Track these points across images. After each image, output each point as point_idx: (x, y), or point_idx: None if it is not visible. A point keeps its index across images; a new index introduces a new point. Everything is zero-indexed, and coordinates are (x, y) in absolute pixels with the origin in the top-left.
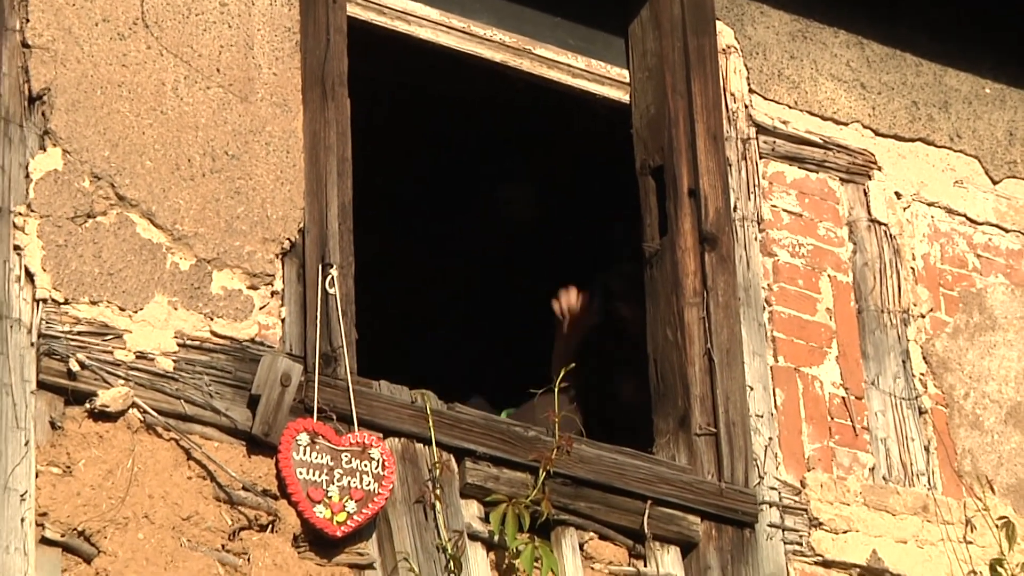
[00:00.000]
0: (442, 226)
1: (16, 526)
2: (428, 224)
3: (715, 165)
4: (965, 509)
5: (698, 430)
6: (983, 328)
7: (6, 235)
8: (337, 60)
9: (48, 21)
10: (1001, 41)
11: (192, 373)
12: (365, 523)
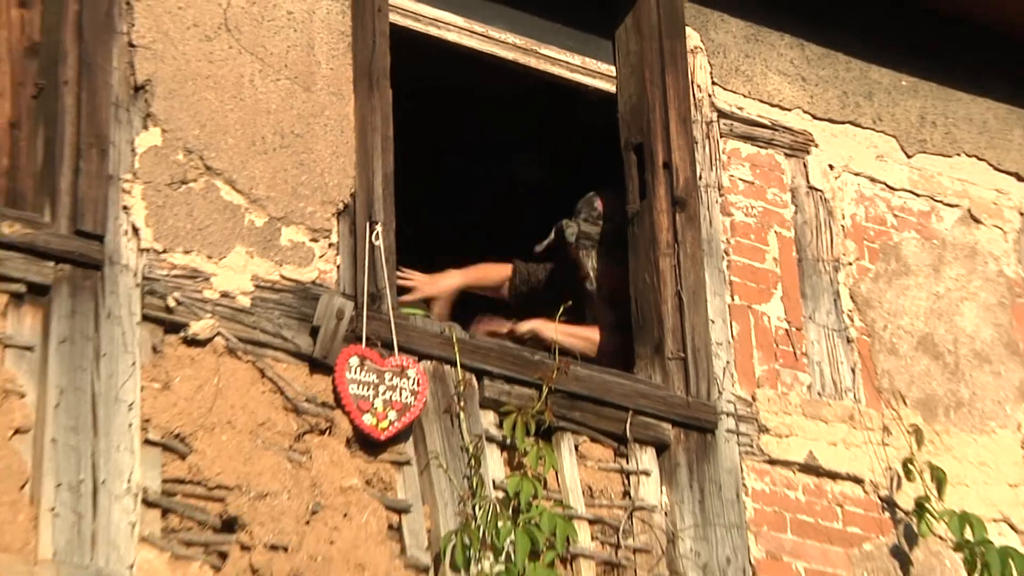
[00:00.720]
0: (467, 191)
1: (125, 430)
2: (456, 189)
3: (684, 143)
4: (883, 418)
5: (670, 355)
6: (898, 274)
7: (116, 198)
8: (381, 58)
9: (149, 26)
10: (915, 41)
11: (265, 308)
12: (403, 429)
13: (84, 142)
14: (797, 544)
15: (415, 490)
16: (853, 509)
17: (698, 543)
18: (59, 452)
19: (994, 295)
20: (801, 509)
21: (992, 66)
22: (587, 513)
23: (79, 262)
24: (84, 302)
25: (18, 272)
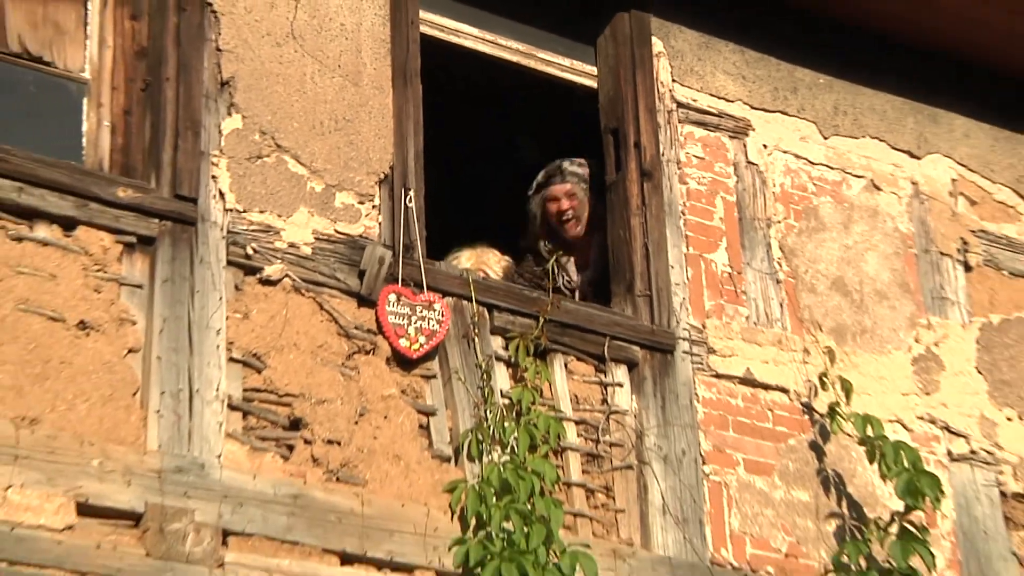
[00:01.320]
0: (478, 166)
1: (214, 350)
2: (470, 165)
3: (650, 127)
4: (804, 342)
5: (639, 293)
6: (816, 230)
7: (207, 169)
8: (413, 60)
9: (232, 35)
10: (830, 48)
11: (323, 256)
12: (431, 350)
13: (182, 126)
14: (737, 439)
15: (440, 398)
16: (780, 412)
17: (660, 439)
18: (163, 367)
19: (891, 246)
20: (740, 413)
21: (888, 67)
22: (573, 416)
23: (178, 219)
24: (182, 251)
25: (130, 227)
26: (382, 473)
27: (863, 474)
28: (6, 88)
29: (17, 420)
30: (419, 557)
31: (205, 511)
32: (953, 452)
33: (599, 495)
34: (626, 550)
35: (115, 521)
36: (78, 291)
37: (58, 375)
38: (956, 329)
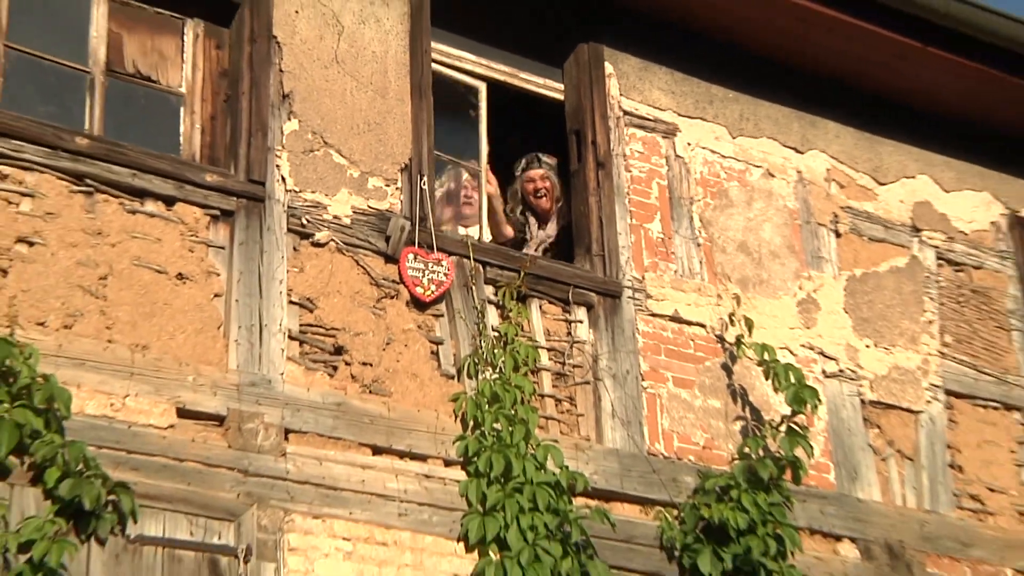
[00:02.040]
0: None
1: (277, 296)
2: None
3: (603, 129)
4: (717, 290)
5: (595, 253)
6: (726, 206)
7: (272, 160)
8: (426, 80)
9: (291, 59)
10: (734, 70)
11: (359, 225)
12: (440, 295)
13: (253, 128)
14: (667, 362)
15: (446, 331)
16: (699, 342)
17: (610, 362)
18: (239, 308)
19: (781, 219)
20: (669, 342)
21: (779, 85)
22: (545, 344)
23: (251, 197)
24: (253, 221)
25: (215, 203)
26: (403, 387)
27: (760, 388)
28: (123, 100)
29: (132, 347)
30: (431, 449)
31: (271, 415)
32: (826, 371)
33: (564, 403)
34: (584, 444)
35: (205, 422)
36: (176, 251)
37: (162, 313)
38: (829, 280)
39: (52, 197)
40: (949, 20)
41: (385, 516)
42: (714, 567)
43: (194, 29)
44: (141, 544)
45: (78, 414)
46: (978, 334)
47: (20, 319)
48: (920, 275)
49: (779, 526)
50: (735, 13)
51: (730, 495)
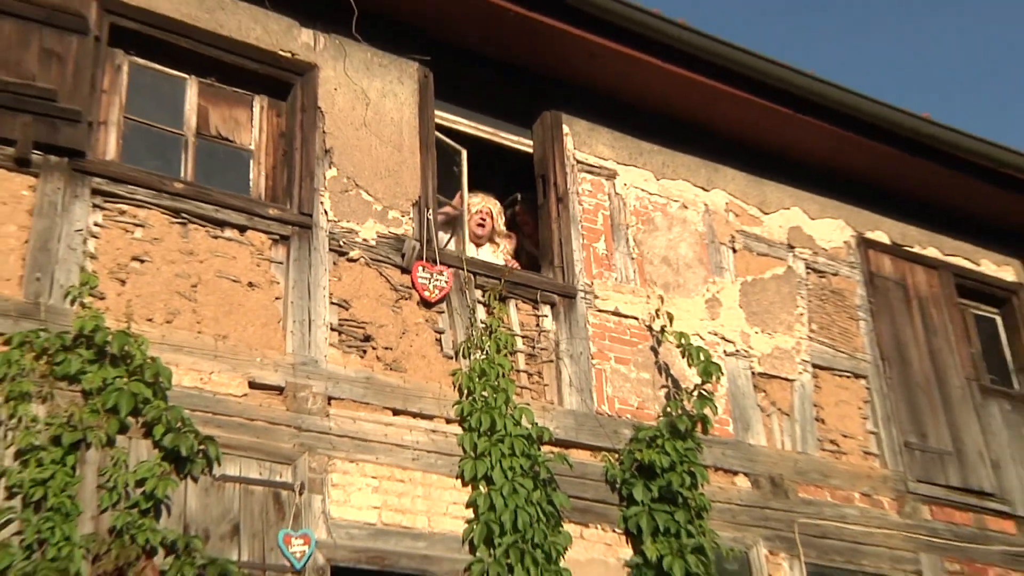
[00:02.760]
0: None
1: (321, 298)
2: None
3: (562, 174)
4: (647, 291)
5: (556, 265)
6: (653, 230)
7: (318, 198)
8: (431, 138)
9: (331, 123)
10: (657, 129)
11: (382, 246)
12: (442, 297)
13: (304, 174)
14: (610, 345)
15: (447, 323)
16: (634, 331)
17: (568, 345)
18: (294, 307)
19: (692, 239)
20: (611, 331)
21: (689, 141)
22: (520, 333)
23: (302, 226)
24: (304, 243)
25: (276, 230)
26: (414, 365)
27: (678, 364)
28: (208, 154)
29: (215, 336)
30: (436, 411)
31: (318, 386)
32: (726, 351)
33: (534, 377)
34: (549, 406)
35: (269, 392)
36: (247, 266)
37: (237, 312)
38: (728, 284)
39: (157, 227)
40: (815, 96)
41: (402, 460)
42: (645, 495)
43: (260, 102)
44: (223, 481)
45: (176, 386)
46: (835, 323)
47: (134, 316)
48: (794, 280)
49: (692, 465)
50: (658, 91)
51: (656, 443)
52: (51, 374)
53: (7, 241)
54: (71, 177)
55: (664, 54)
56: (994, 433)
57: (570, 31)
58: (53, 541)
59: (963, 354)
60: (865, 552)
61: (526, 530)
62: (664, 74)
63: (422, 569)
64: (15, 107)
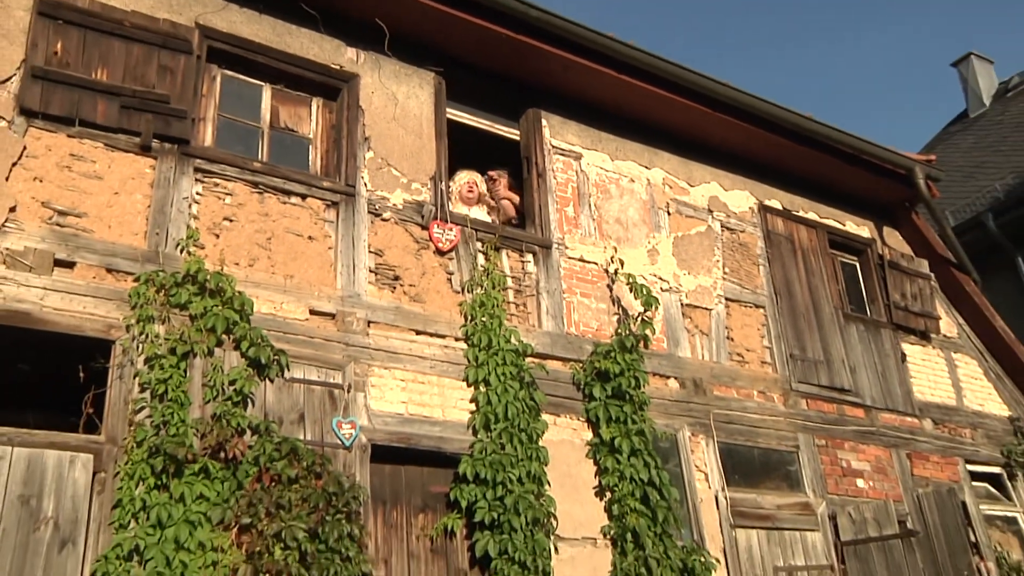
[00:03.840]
0: None
1: (363, 248)
2: None
3: (541, 156)
4: (605, 245)
5: (537, 224)
6: (608, 199)
7: (360, 174)
8: (444, 127)
9: (369, 118)
10: (614, 123)
11: (407, 209)
12: (451, 248)
13: (349, 156)
14: (577, 283)
15: (456, 267)
16: (594, 273)
17: (545, 283)
18: (342, 255)
19: (638, 205)
20: (577, 273)
21: (636, 132)
22: (510, 274)
23: (348, 195)
24: (349, 207)
25: (329, 197)
26: (431, 297)
27: (627, 297)
28: (279, 142)
29: (285, 276)
30: (447, 332)
31: (360, 313)
32: (662, 288)
33: (520, 307)
34: (532, 329)
35: (324, 317)
36: (307, 223)
37: (300, 258)
38: (664, 239)
39: (241, 195)
40: (729, 99)
41: (423, 368)
42: (601, 393)
43: (317, 103)
44: (292, 382)
45: (257, 313)
46: (741, 267)
47: (226, 261)
48: (712, 236)
49: (636, 371)
50: (613, 94)
51: (610, 355)
52: (167, 303)
53: (135, 206)
54: (180, 159)
55: (618, 67)
56: (852, 347)
57: (548, 49)
58: (172, 423)
59: (832, 290)
60: (760, 433)
61: (514, 418)
62: (618, 82)
63: (438, 447)
64: (141, 108)
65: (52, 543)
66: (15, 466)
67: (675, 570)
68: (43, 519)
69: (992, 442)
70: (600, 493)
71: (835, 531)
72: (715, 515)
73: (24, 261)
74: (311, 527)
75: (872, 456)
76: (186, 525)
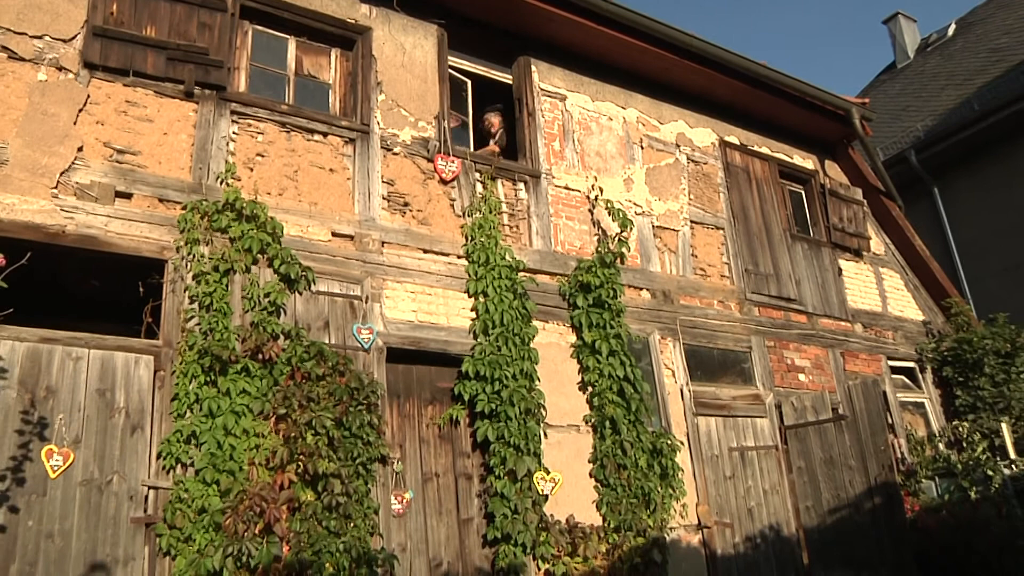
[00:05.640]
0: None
1: (377, 179)
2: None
3: (531, 96)
4: (587, 175)
5: (528, 157)
6: (589, 134)
7: (373, 114)
8: (445, 71)
9: (381, 65)
10: (596, 67)
11: (415, 144)
12: (454, 178)
13: (363, 98)
14: (562, 208)
15: (458, 194)
16: (578, 199)
17: (536, 208)
18: (359, 184)
19: (615, 140)
20: (563, 199)
21: (614, 76)
22: (504, 200)
23: (363, 132)
24: (364, 143)
25: (347, 135)
26: (437, 221)
27: (606, 220)
28: (303, 87)
29: (310, 204)
30: (451, 250)
31: (375, 235)
32: (636, 212)
33: (514, 228)
34: (524, 247)
35: (344, 238)
36: (329, 158)
37: (323, 188)
38: (638, 170)
39: (271, 134)
40: (694, 48)
41: (430, 281)
42: (584, 303)
43: (335, 53)
44: (317, 295)
45: (286, 235)
46: (704, 194)
47: (259, 191)
48: (679, 167)
49: (613, 284)
50: (594, 43)
51: (591, 270)
52: (210, 227)
53: (181, 145)
54: (218, 103)
55: (597, 19)
56: (797, 263)
57: (537, 4)
58: (217, 329)
59: (781, 214)
60: (719, 336)
61: (509, 324)
62: (597, 32)
63: (444, 349)
64: (184, 59)
65: (125, 428)
66: (92, 365)
67: (646, 451)
68: (117, 408)
69: (909, 342)
70: (583, 387)
71: (780, 417)
72: (680, 405)
73: (90, 193)
74: (337, 417)
75: (812, 355)
76: (232, 415)
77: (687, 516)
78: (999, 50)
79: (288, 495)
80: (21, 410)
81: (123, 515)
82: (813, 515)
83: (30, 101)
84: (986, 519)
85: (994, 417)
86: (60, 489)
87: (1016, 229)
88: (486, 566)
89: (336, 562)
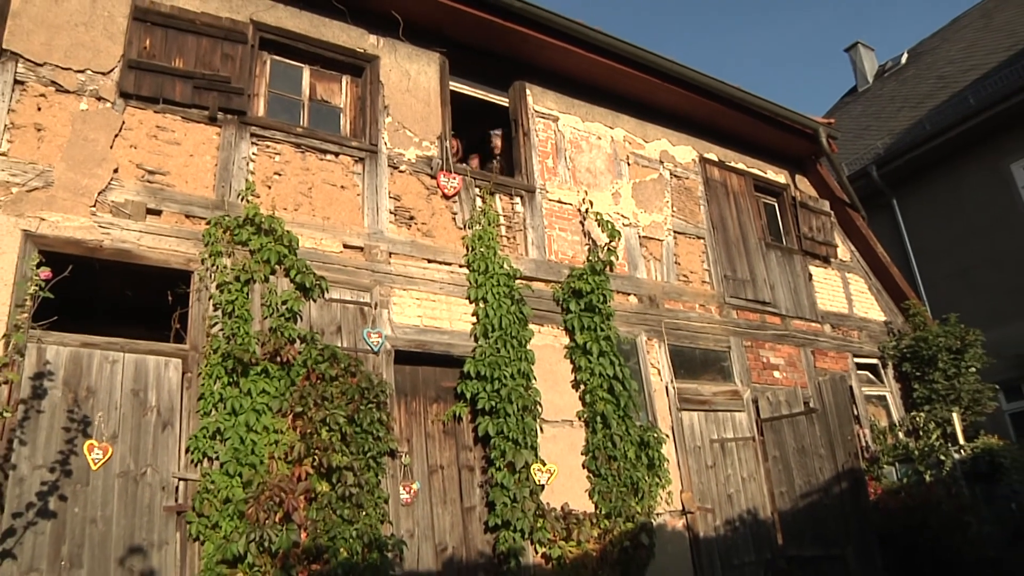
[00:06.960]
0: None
1: (384, 194)
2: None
3: (527, 118)
4: (578, 189)
5: (523, 173)
6: (580, 152)
7: (381, 135)
8: (447, 96)
9: (388, 90)
10: (581, 91)
11: (419, 162)
12: (455, 193)
13: (372, 121)
14: (556, 220)
15: (460, 207)
16: (570, 212)
17: (531, 220)
18: (367, 200)
19: (604, 157)
20: (556, 212)
21: (603, 99)
22: (502, 213)
23: (372, 151)
24: (372, 162)
25: (357, 154)
26: (439, 232)
27: (596, 230)
28: (316, 111)
29: (323, 218)
30: (453, 260)
31: (383, 247)
32: (624, 223)
33: (511, 239)
34: (520, 256)
35: (355, 250)
36: (340, 175)
37: (335, 204)
38: (625, 184)
39: (287, 155)
40: (675, 73)
41: (434, 289)
42: (576, 307)
43: (346, 79)
44: (330, 302)
45: (301, 248)
46: (686, 207)
47: (276, 207)
48: (663, 182)
49: (603, 290)
50: (583, 69)
51: (583, 277)
52: (232, 241)
53: (205, 165)
54: (239, 127)
55: (587, 47)
56: (771, 269)
57: (529, 33)
58: (239, 334)
59: (757, 225)
60: (700, 337)
61: (507, 328)
62: (587, 59)
63: (447, 351)
64: (208, 88)
65: (157, 425)
66: (127, 367)
67: (634, 444)
68: (149, 407)
69: (872, 341)
70: (576, 386)
71: (756, 411)
72: (665, 401)
73: (124, 210)
74: (349, 414)
75: (786, 353)
76: (253, 413)
77: (672, 503)
78: (944, 77)
79: (305, 486)
80: (66, 408)
81: (156, 504)
82: (787, 500)
83: (73, 128)
84: (938, 499)
85: (946, 407)
86: (101, 480)
87: (964, 237)
88: (488, 550)
89: (350, 547)
